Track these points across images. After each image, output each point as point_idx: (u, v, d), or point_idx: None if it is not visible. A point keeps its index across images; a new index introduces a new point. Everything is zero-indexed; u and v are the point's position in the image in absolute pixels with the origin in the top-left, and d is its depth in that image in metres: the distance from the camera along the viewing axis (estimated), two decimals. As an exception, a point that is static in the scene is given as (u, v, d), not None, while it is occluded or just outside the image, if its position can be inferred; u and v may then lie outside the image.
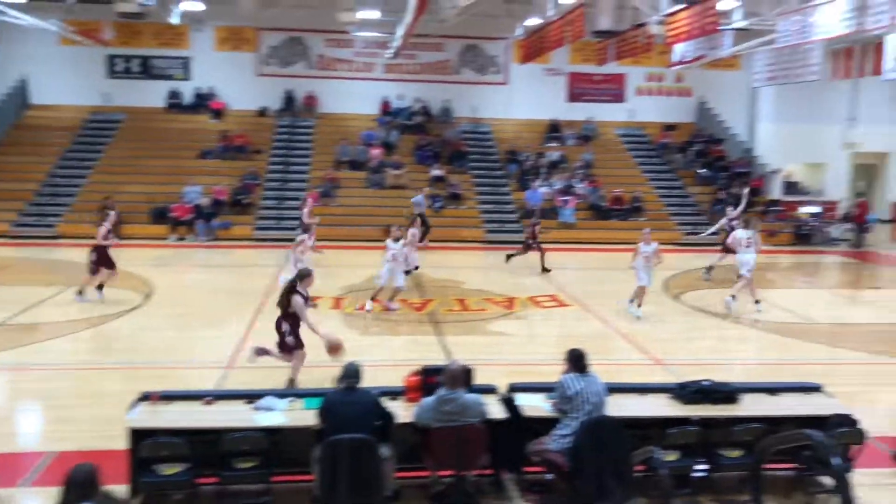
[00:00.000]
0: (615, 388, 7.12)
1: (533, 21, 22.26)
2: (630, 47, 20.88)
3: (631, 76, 27.47)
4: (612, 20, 20.87)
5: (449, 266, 18.15)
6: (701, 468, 6.62)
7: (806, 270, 19.89)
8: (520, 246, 18.05)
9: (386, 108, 26.82)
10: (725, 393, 6.76)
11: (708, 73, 27.00)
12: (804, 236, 23.51)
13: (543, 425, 6.39)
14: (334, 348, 8.45)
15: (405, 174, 23.89)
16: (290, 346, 8.89)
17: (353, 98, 26.64)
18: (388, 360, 10.46)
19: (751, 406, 6.79)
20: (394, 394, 6.84)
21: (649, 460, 5.08)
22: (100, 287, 13.40)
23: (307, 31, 26.35)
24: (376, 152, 24.67)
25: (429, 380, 6.74)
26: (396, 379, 7.16)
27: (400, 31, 21.68)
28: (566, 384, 6.16)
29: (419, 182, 23.89)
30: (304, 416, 6.31)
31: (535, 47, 22.96)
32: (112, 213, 14.31)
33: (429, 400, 6.21)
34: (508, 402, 6.81)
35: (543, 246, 17.58)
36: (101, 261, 13.22)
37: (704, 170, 25.70)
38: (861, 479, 6.85)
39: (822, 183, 29.37)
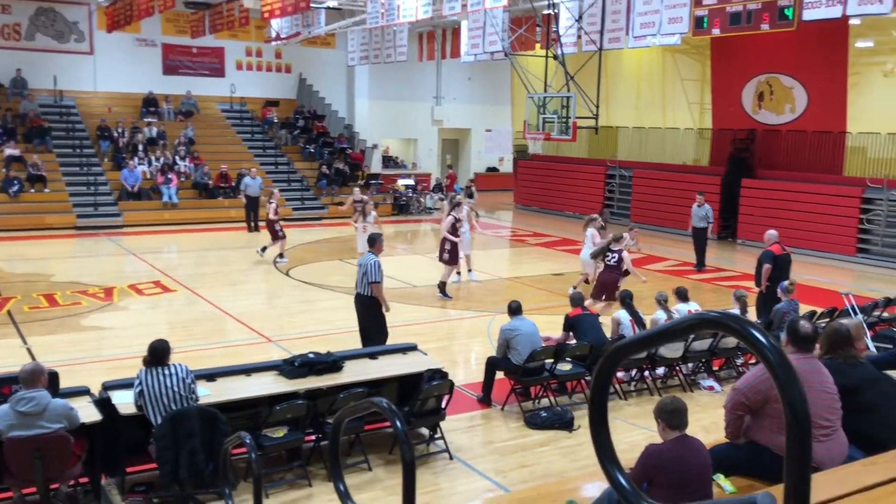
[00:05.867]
0: (220, 373, 6.92)
1: (117, -14, 20.57)
2: (225, 20, 20.42)
3: (229, 50, 26.83)
4: (205, -9, 20.17)
5: (34, 258, 16.12)
6: (310, 439, 6.71)
7: (405, 238, 21.43)
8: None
9: (-61, 78, 22.80)
10: (329, 363, 6.90)
11: (306, 49, 27.53)
12: (402, 207, 25.31)
13: (144, 421, 5.97)
14: None
15: (-29, 155, 20.62)
16: None
17: None
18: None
19: (354, 372, 7.03)
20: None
21: (242, 444, 4.99)
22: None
23: None
24: (-72, 130, 20.90)
25: (2, 390, 5.92)
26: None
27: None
28: (139, 380, 5.92)
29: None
30: None
31: (122, 15, 21.30)
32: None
33: (3, 407, 5.41)
34: (103, 403, 6.21)
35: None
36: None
37: (308, 146, 26.24)
38: (453, 423, 7.56)
39: (415, 157, 31.94)
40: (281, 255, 16.13)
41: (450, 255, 13.45)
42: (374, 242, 9.37)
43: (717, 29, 13.29)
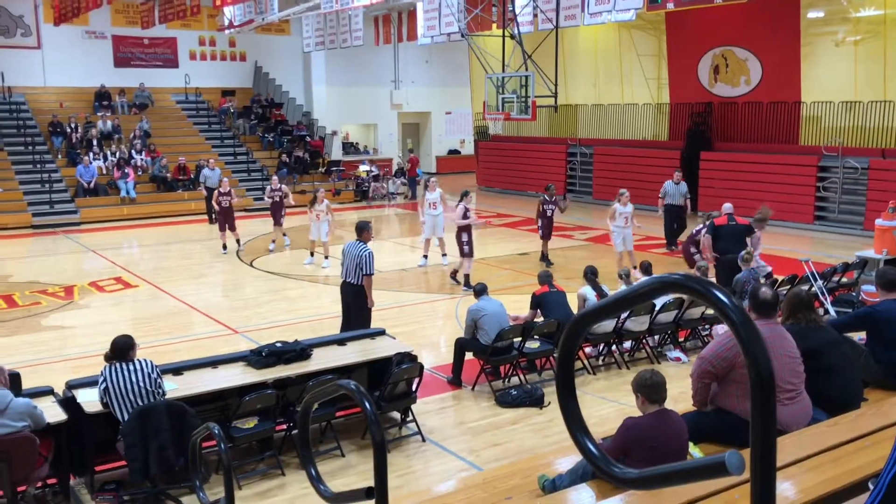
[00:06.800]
0: (187, 366, 6.83)
1: (63, -23, 20.08)
2: (176, 9, 20.07)
3: (182, 40, 26.35)
4: (154, -20, 19.79)
5: (-11, 259, 15.78)
6: (281, 428, 6.67)
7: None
8: None
9: None
10: (297, 351, 6.85)
11: (261, 37, 27.18)
12: (365, 193, 25.19)
13: (110, 419, 5.88)
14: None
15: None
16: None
17: None
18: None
19: (323, 359, 6.99)
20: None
21: (210, 436, 4.94)
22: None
23: None
24: None
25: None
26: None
27: None
28: (103, 377, 5.81)
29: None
30: None
31: (69, 7, 20.82)
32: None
33: None
34: (68, 402, 6.10)
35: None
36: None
37: (267, 135, 25.94)
38: (424, 406, 7.57)
39: (375, 142, 31.77)
40: (224, 247, 15.96)
41: (469, 247, 12.87)
42: (364, 230, 8.87)
43: (671, 3, 13.40)
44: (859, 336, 5.56)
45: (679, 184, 15.79)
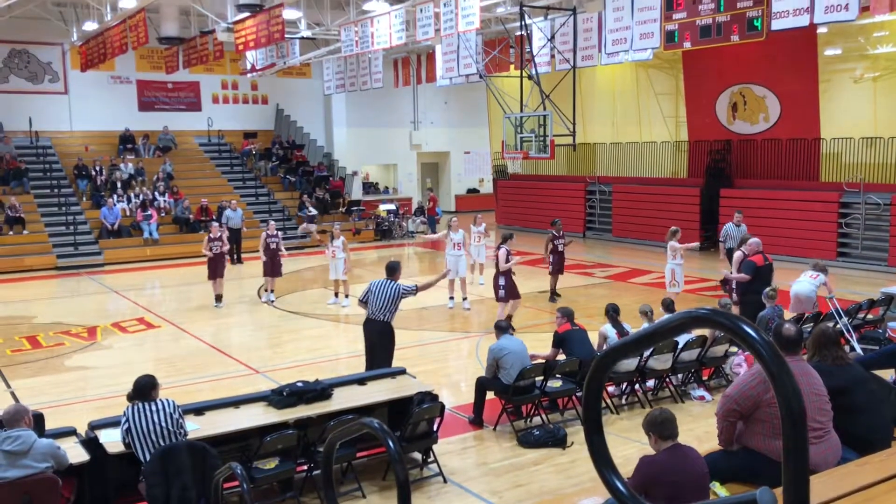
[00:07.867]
0: (208, 406, 6.83)
1: (90, 26, 20.56)
2: (199, 54, 20.42)
3: (205, 84, 26.85)
4: (178, 27, 20.22)
5: (14, 300, 15.95)
6: (302, 469, 6.63)
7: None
8: None
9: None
10: (318, 391, 6.84)
11: (282, 80, 27.61)
12: (385, 232, 25.31)
13: (132, 459, 5.88)
14: None
15: (-52, 199, 20.42)
16: None
17: None
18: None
19: (343, 399, 6.97)
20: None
21: (233, 476, 4.91)
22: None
23: None
24: None
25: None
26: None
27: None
28: (126, 417, 5.80)
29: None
30: None
31: (95, 54, 21.27)
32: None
33: None
34: (91, 442, 6.11)
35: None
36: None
37: (289, 176, 26.22)
38: (446, 446, 7.50)
39: (395, 182, 32.01)
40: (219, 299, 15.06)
41: (506, 292, 12.68)
42: (395, 271, 9.06)
43: (687, 42, 13.45)
44: (892, 376, 5.47)
45: (740, 226, 15.02)
